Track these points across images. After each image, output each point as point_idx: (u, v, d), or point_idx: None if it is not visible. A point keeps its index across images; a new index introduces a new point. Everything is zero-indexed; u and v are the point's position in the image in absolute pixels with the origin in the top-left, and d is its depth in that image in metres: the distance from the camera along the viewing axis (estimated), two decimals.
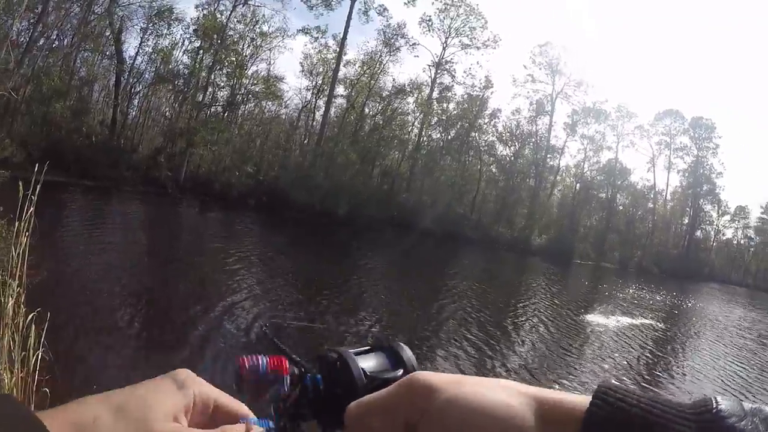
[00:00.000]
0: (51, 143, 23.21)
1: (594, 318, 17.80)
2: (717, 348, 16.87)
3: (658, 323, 19.72)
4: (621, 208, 58.88)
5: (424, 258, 28.84)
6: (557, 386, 9.49)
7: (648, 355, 13.99)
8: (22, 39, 25.79)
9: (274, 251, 19.66)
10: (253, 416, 0.58)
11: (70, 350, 6.86)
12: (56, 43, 29.02)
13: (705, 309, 29.19)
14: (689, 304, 29.70)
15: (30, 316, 3.33)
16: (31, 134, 23.46)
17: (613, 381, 0.36)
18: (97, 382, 6.15)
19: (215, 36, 34.41)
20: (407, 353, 0.68)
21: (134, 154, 30.59)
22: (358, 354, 0.67)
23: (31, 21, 26.14)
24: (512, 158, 47.51)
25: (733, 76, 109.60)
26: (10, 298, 3.23)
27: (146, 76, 34.76)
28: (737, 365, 14.60)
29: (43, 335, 3.36)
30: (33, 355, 3.25)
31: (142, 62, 34.24)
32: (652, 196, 60.84)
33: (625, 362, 12.56)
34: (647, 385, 10.82)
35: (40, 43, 26.97)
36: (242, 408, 0.58)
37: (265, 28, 37.55)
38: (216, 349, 8.33)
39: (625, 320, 18.53)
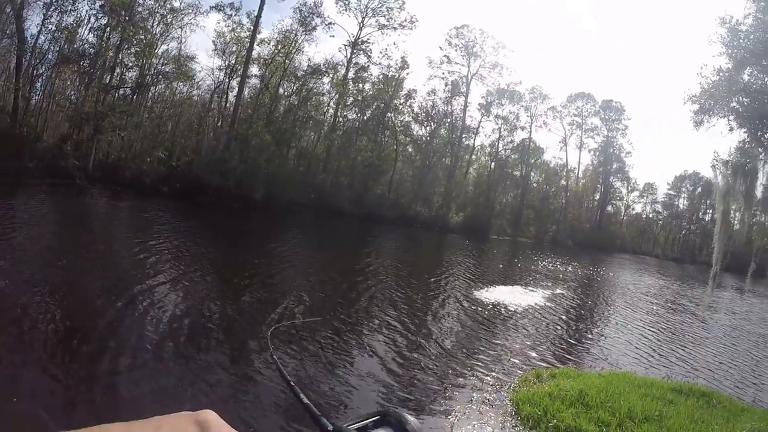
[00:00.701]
0: None
1: (508, 290, 18.54)
2: (627, 314, 18.00)
3: (571, 293, 21.00)
4: (535, 185, 62.14)
5: (342, 239, 29.39)
6: (475, 363, 9.72)
7: (562, 324, 14.62)
8: None
9: (189, 239, 19.45)
10: None
11: None
12: None
13: (617, 278, 31.35)
14: (602, 274, 31.71)
15: None
16: None
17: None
18: (11, 397, 5.91)
19: (123, 12, 32.96)
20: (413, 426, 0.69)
21: (38, 143, 29.09)
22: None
23: None
24: (428, 138, 48.75)
25: (643, 60, 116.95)
26: None
27: (50, 56, 32.69)
28: (648, 330, 15.57)
29: None
30: None
31: (45, 41, 32.13)
32: (564, 173, 64.62)
33: (541, 333, 13.00)
34: (561, 356, 11.25)
35: None
36: None
37: (176, 4, 36.37)
38: (133, 351, 7.99)
39: (540, 291, 19.46)
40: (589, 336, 13.94)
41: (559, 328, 14.07)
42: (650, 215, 74.60)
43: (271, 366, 7.92)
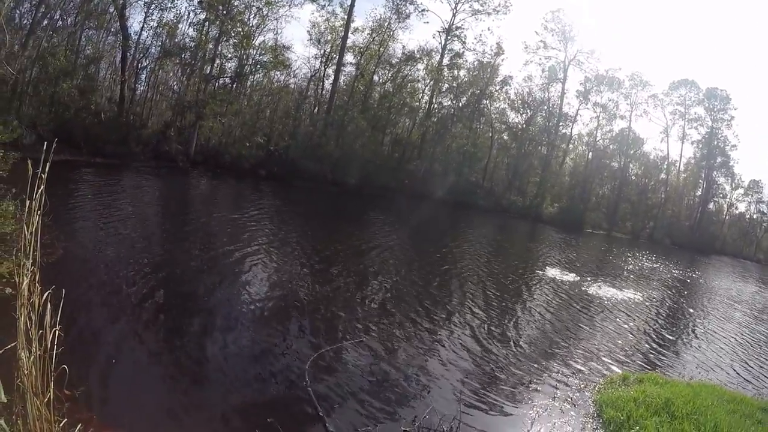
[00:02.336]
0: (60, 123, 23.10)
1: (598, 287, 17.53)
2: (721, 323, 16.37)
3: (664, 295, 19.46)
4: (633, 178, 58.29)
5: (435, 226, 28.68)
6: (560, 359, 9.44)
7: (652, 327, 13.73)
8: (25, 21, 25.53)
9: (283, 219, 19.82)
10: None
11: (86, 326, 7.12)
12: (60, 23, 28.70)
13: (714, 283, 28.61)
14: (698, 277, 29.05)
15: (45, 295, 3.32)
16: (39, 115, 23.27)
17: None
18: (112, 357, 6.43)
19: (220, 7, 33.71)
20: None
21: (144, 130, 30.33)
22: None
23: (33, 3, 25.88)
24: (524, 126, 46.93)
25: (751, 46, 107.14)
26: (25, 278, 3.21)
27: (152, 50, 34.29)
28: (742, 343, 14.05)
29: (59, 313, 3.41)
30: (50, 333, 3.28)
31: (147, 37, 33.75)
32: (665, 166, 60.16)
33: (630, 334, 12.35)
34: (648, 359, 10.64)
35: (44, 24, 26.69)
36: None
37: None
38: (229, 322, 8.42)
39: (632, 291, 18.25)
40: (680, 342, 12.97)
41: (649, 330, 13.32)
42: (754, 216, 67.72)
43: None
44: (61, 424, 3.80)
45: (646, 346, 11.70)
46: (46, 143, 3.25)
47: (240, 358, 7.19)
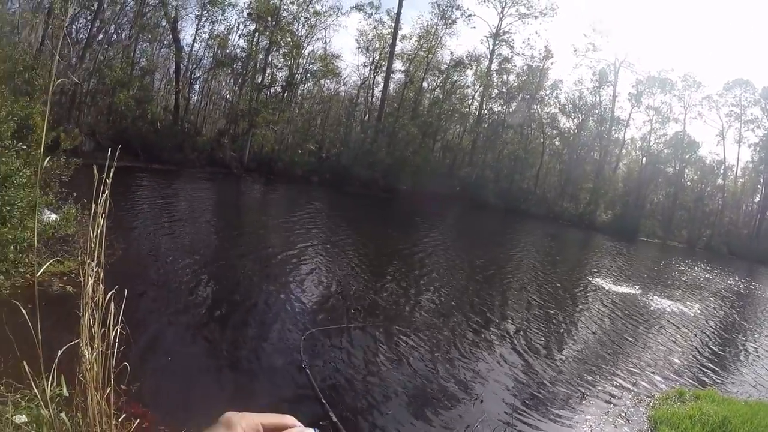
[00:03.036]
0: (118, 131, 23.93)
1: (653, 299, 16.89)
2: None
3: (722, 308, 18.46)
4: (689, 183, 55.94)
5: (486, 233, 28.47)
6: (614, 372, 9.19)
7: (709, 342, 13.12)
8: (81, 36, 26.62)
9: (338, 227, 19.94)
10: (299, 424, 0.66)
11: (146, 325, 7.40)
12: (114, 36, 29.89)
13: None
14: (757, 290, 27.13)
15: (108, 294, 3.43)
16: (98, 124, 24.24)
17: None
18: (168, 354, 6.72)
19: (269, 18, 34.54)
20: None
21: (198, 137, 31.29)
22: None
23: (89, 18, 26.99)
24: (575, 131, 45.93)
25: None
26: (90, 278, 3.31)
27: (205, 61, 35.52)
28: None
29: (121, 312, 3.50)
30: (112, 331, 3.39)
31: (199, 48, 34.97)
32: (721, 171, 57.51)
33: (686, 348, 11.93)
34: (705, 376, 10.17)
35: (99, 38, 27.77)
36: (287, 419, 0.67)
37: (318, 7, 37.59)
38: (283, 324, 8.65)
39: (689, 303, 17.51)
40: (738, 359, 12.29)
41: (705, 344, 12.75)
42: None
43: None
44: (119, 419, 4.00)
45: (702, 361, 11.27)
46: (110, 150, 3.35)
47: (290, 356, 7.35)
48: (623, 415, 7.38)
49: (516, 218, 37.66)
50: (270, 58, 36.10)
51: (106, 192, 3.29)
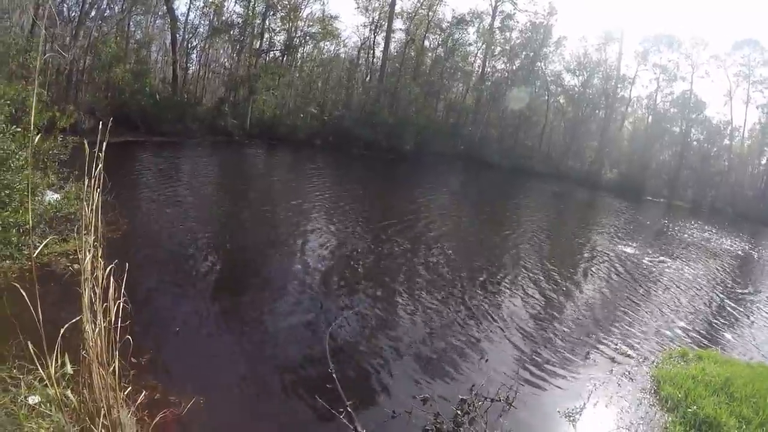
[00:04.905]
0: (117, 107, 23.52)
1: (659, 259, 16.86)
2: None
3: (727, 270, 18.23)
4: (695, 143, 55.20)
5: (491, 192, 28.39)
6: (619, 332, 9.26)
7: (713, 302, 13.08)
8: (74, 13, 26.07)
9: (343, 189, 19.84)
10: None
11: (152, 298, 7.48)
12: (107, 11, 29.18)
13: None
14: (764, 251, 26.71)
15: (108, 269, 3.45)
16: (96, 101, 23.76)
17: None
18: (176, 326, 6.72)
19: None
20: None
21: (198, 107, 30.88)
22: None
23: None
24: (581, 88, 45.11)
25: None
26: (88, 254, 3.33)
27: (201, 30, 34.92)
28: None
29: (123, 286, 3.51)
30: (114, 306, 3.42)
31: (195, 17, 34.30)
32: (728, 132, 56.65)
33: (690, 309, 12.04)
34: (709, 336, 10.23)
35: (92, 14, 27.19)
36: None
37: None
38: (287, 289, 8.69)
39: (693, 264, 17.54)
40: (741, 320, 12.22)
41: (709, 306, 12.74)
42: None
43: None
44: (125, 392, 4.09)
45: (705, 321, 11.31)
46: (101, 124, 3.42)
47: (297, 325, 7.40)
48: (627, 373, 7.51)
49: (521, 177, 37.40)
50: (267, 23, 35.44)
51: (99, 166, 3.36)
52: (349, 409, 5.37)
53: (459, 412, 5.59)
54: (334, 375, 6.02)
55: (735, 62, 55.37)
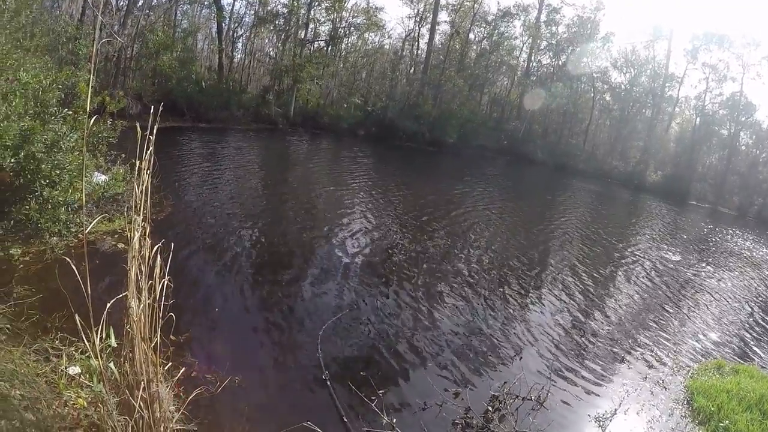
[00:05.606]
0: (163, 93, 23.85)
1: (705, 270, 16.27)
2: None
3: None
4: (743, 148, 53.38)
5: (534, 190, 28.03)
6: (655, 339, 9.04)
7: (753, 316, 12.45)
8: (122, 3, 26.58)
9: (384, 181, 19.77)
10: None
11: (193, 278, 7.68)
12: (155, 1, 29.77)
13: None
14: None
15: (155, 248, 3.54)
16: (143, 87, 24.23)
17: None
18: (216, 306, 6.89)
19: None
20: None
21: (243, 95, 31.27)
22: None
23: None
24: (627, 86, 44.00)
25: None
26: (136, 232, 3.41)
27: (246, 19, 35.47)
28: None
29: (168, 265, 3.61)
30: (159, 284, 3.51)
31: (240, 7, 35.46)
32: None
33: (730, 321, 11.50)
34: (747, 350, 9.86)
35: (140, 3, 27.71)
36: None
37: None
38: (327, 278, 8.75)
39: (737, 274, 16.83)
40: None
41: (750, 320, 12.16)
42: None
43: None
44: (165, 367, 4.21)
45: (744, 335, 10.85)
46: (153, 108, 3.44)
47: (333, 311, 7.41)
48: (661, 382, 7.39)
49: (563, 175, 36.91)
50: (312, 13, 35.63)
51: (150, 148, 3.39)
52: (381, 398, 5.36)
53: (490, 408, 5.58)
54: (367, 364, 6.14)
55: None
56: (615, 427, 5.96)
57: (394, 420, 5.05)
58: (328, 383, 5.60)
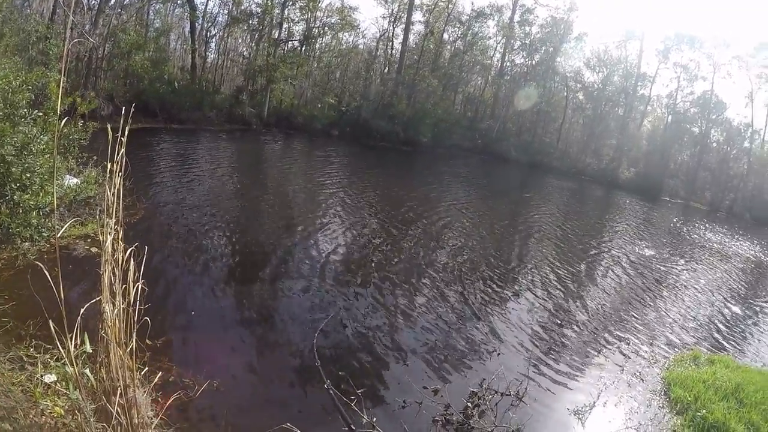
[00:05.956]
0: (135, 94, 23.59)
1: (673, 261, 16.66)
2: None
3: (744, 275, 17.94)
4: (714, 145, 54.36)
5: (507, 188, 28.11)
6: (631, 331, 9.28)
7: (728, 306, 12.90)
8: (93, 2, 26.14)
9: (358, 180, 19.84)
10: None
11: (168, 281, 7.59)
12: (127, 0, 29.40)
13: None
14: None
15: (128, 252, 3.51)
16: (115, 88, 23.88)
17: None
18: (192, 309, 6.88)
19: None
20: None
21: (217, 95, 30.91)
22: None
23: None
24: (600, 85, 44.58)
25: None
26: (109, 236, 3.39)
27: (220, 19, 34.96)
28: None
29: (142, 268, 3.57)
30: (132, 288, 3.48)
31: (214, 6, 34.47)
32: (748, 134, 55.75)
33: (705, 312, 11.84)
34: (721, 340, 10.16)
35: (111, 2, 27.28)
36: None
37: None
38: (300, 275, 8.86)
39: (709, 267, 17.31)
40: (755, 326, 12.06)
41: (723, 310, 12.56)
42: None
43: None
44: (142, 372, 4.22)
45: (719, 326, 11.13)
46: (124, 109, 3.43)
47: (310, 311, 7.51)
48: (637, 374, 7.52)
49: (537, 172, 37.29)
50: (286, 13, 35.33)
51: (122, 150, 3.38)
52: (360, 398, 5.39)
53: (469, 404, 5.64)
54: (345, 364, 6.14)
55: (757, 63, 54.31)
56: (593, 419, 6.07)
57: (374, 419, 5.10)
58: (308, 384, 5.63)
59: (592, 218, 23.42)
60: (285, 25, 35.57)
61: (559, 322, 9.06)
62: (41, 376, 4.34)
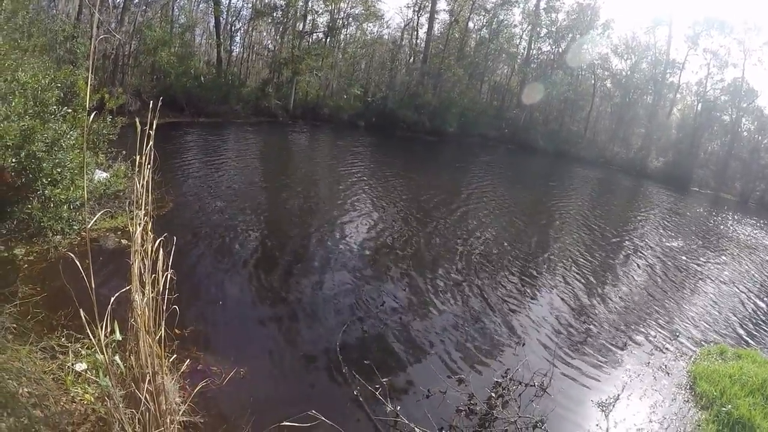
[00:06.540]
0: (162, 89, 23.81)
1: (708, 256, 16.33)
2: None
3: None
4: (745, 134, 53.00)
5: (535, 178, 27.90)
6: (659, 325, 9.16)
7: (758, 302, 12.47)
8: (119, 0, 26.46)
9: (385, 170, 19.90)
10: None
11: (197, 271, 7.81)
12: None
13: None
14: None
15: (157, 242, 3.59)
16: (142, 84, 24.23)
17: None
18: (219, 299, 7.03)
19: None
20: None
21: (243, 88, 31.08)
22: None
23: None
24: (628, 73, 43.71)
25: None
26: (138, 227, 3.47)
27: (244, 12, 35.07)
28: None
29: (170, 259, 3.65)
30: (162, 277, 3.56)
31: (237, 0, 34.58)
32: None
33: (733, 307, 11.54)
34: (750, 335, 9.92)
35: (136, 0, 27.61)
36: None
37: None
38: (326, 265, 8.94)
39: (739, 260, 16.81)
40: None
41: (753, 305, 12.17)
42: None
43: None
44: (170, 360, 4.24)
45: (747, 320, 10.91)
46: (151, 103, 3.50)
47: (335, 301, 7.58)
48: (663, 367, 7.48)
49: (565, 162, 36.86)
50: (310, 4, 35.39)
51: (150, 144, 3.44)
52: (385, 387, 5.42)
53: (493, 394, 5.65)
54: (370, 353, 6.19)
55: None
56: (618, 412, 6.02)
57: (399, 407, 5.14)
58: (333, 373, 5.69)
59: (619, 209, 23.09)
60: (309, 17, 35.64)
61: (584, 313, 9.04)
62: (72, 364, 4.50)
